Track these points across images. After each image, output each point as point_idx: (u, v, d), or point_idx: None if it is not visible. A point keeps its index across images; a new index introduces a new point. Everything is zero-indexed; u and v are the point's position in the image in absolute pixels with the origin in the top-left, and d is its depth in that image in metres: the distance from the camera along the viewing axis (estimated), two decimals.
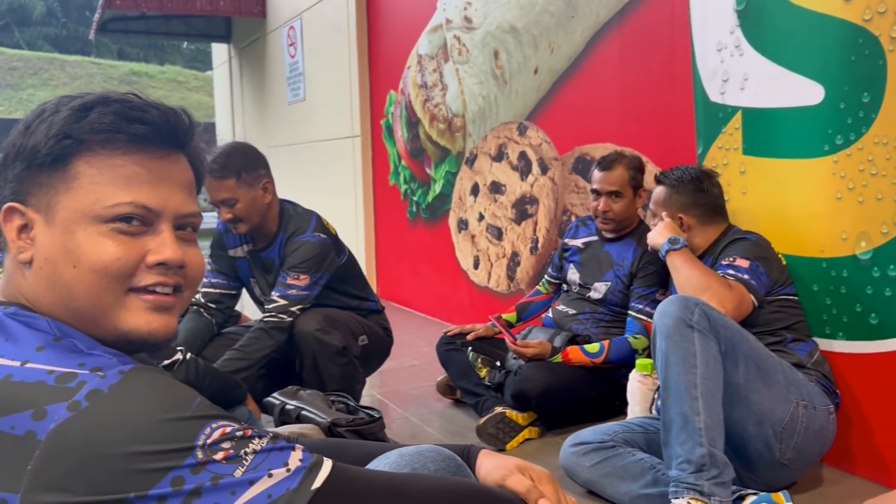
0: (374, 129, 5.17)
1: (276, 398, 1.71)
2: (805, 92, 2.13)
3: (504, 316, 2.85)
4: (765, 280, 2.04)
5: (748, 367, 1.81)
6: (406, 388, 3.07)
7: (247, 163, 2.29)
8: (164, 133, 0.80)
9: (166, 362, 1.74)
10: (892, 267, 1.96)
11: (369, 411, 1.75)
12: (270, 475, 0.70)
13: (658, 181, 2.30)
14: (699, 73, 2.50)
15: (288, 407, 1.68)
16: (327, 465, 0.74)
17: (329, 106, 5.64)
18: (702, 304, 1.79)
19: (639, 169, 2.54)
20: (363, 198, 5.24)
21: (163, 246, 0.79)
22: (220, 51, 8.86)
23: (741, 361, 1.80)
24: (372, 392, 3.03)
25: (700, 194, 2.22)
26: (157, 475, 0.65)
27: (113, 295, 0.77)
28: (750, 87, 2.30)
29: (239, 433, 0.71)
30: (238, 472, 0.69)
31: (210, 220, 2.20)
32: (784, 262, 2.14)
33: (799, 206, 2.19)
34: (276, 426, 1.66)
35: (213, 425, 0.69)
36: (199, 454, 0.67)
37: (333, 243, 2.42)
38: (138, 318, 0.78)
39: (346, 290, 2.50)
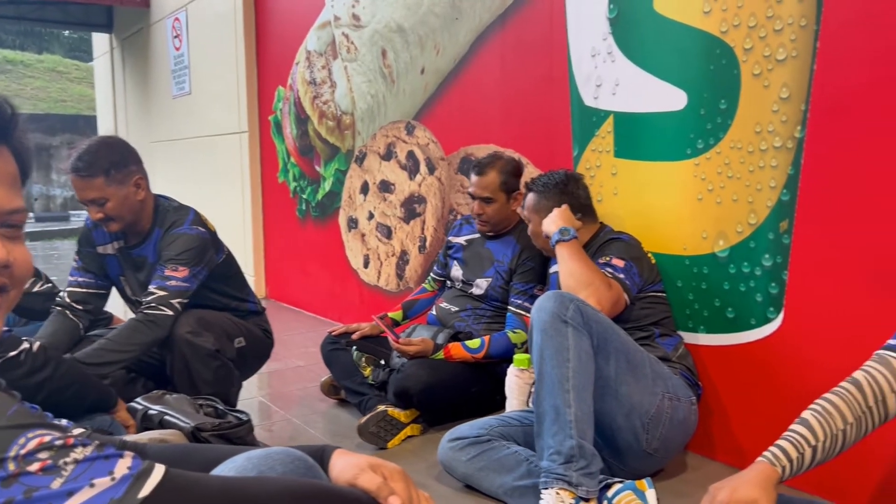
0: (262, 125, 5.06)
1: (138, 403, 1.64)
2: (670, 98, 2.25)
3: (390, 314, 2.85)
4: (637, 279, 2.13)
5: (618, 361, 1.88)
6: (290, 390, 3.02)
7: (116, 159, 2.18)
8: None
9: (11, 354, 1.62)
10: (745, 264, 2.09)
11: (238, 414, 1.71)
12: (92, 485, 0.67)
13: (528, 188, 2.38)
14: (575, 78, 2.59)
15: (150, 412, 1.61)
16: (158, 471, 0.72)
17: (216, 100, 5.47)
18: (576, 301, 1.85)
19: (512, 173, 2.58)
20: (251, 195, 5.12)
21: None
22: (101, 41, 8.42)
23: (612, 356, 1.87)
24: (255, 394, 2.96)
25: (566, 196, 2.29)
26: None
27: None
28: (621, 93, 2.40)
29: (59, 442, 0.67)
30: (55, 484, 0.65)
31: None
32: (653, 261, 2.24)
33: (664, 206, 2.30)
34: (138, 432, 1.59)
35: (30, 435, 0.66)
36: (11, 466, 0.64)
37: (212, 239, 2.35)
38: None
39: (224, 290, 2.43)
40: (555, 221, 2.20)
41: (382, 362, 2.59)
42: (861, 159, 1.82)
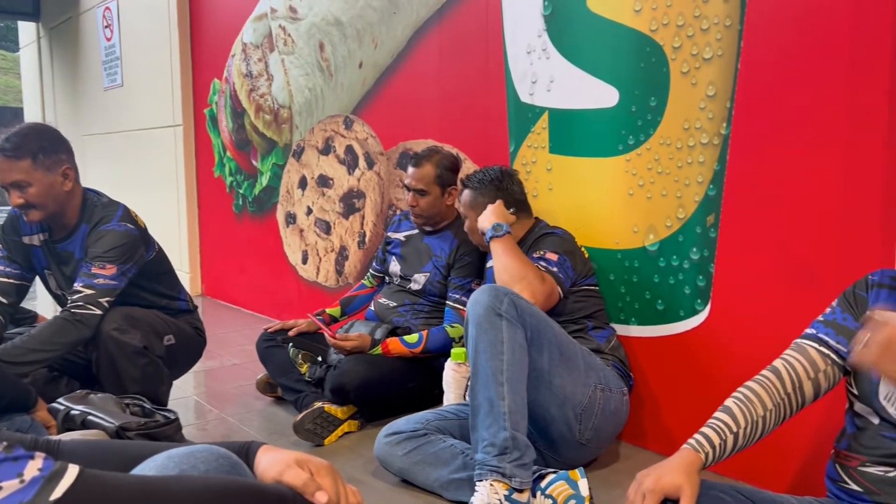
0: (197, 118, 4.95)
1: (60, 403, 1.58)
2: (602, 95, 2.29)
3: (328, 311, 2.82)
4: (570, 273, 2.17)
5: (552, 353, 1.91)
6: (225, 388, 2.97)
7: (46, 145, 2.11)
8: None
9: None
10: (674, 257, 2.15)
11: (166, 413, 1.67)
12: (0, 488, 0.65)
13: (463, 185, 2.39)
14: (511, 74, 2.61)
15: (73, 412, 1.56)
16: (71, 473, 0.69)
17: (149, 93, 5.32)
18: (511, 294, 1.87)
19: (449, 168, 2.59)
20: (186, 190, 5.00)
21: None
22: (27, 29, 8.09)
23: (545, 348, 1.90)
24: (189, 393, 2.90)
25: (502, 192, 2.31)
26: None
27: None
28: (555, 89, 2.44)
29: None
30: None
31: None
32: (586, 255, 2.28)
33: (597, 201, 2.34)
34: (59, 433, 1.54)
35: None
36: None
37: (142, 236, 2.29)
38: None
39: (155, 287, 2.36)
40: (488, 217, 2.22)
41: (319, 359, 2.57)
42: (782, 155, 1.88)
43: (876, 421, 1.31)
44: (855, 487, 1.30)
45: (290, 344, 2.62)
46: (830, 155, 1.79)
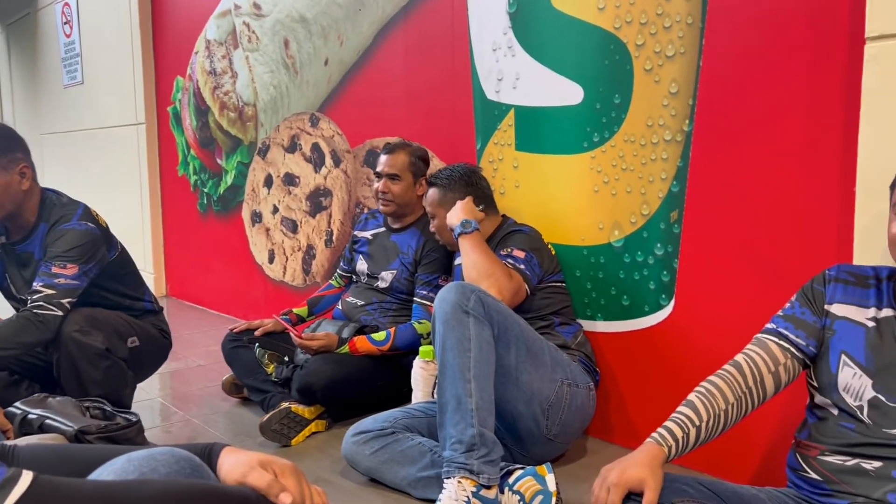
0: (160, 116, 4.87)
1: (17, 407, 1.54)
2: (567, 92, 2.30)
3: (295, 310, 2.80)
4: (537, 270, 2.18)
5: (519, 349, 1.91)
6: (191, 390, 2.93)
7: (0, 143, 2.06)
8: None
9: None
10: (639, 253, 2.17)
11: (127, 415, 1.64)
12: None
13: (430, 183, 2.39)
14: (477, 72, 2.61)
15: (30, 416, 1.52)
16: (26, 478, 0.68)
17: (111, 91, 5.22)
18: (478, 291, 1.87)
19: (421, 158, 2.63)
20: (149, 189, 4.92)
21: None
22: None
23: (512, 345, 1.91)
24: (153, 395, 2.86)
25: (471, 188, 2.32)
26: None
27: None
28: (521, 87, 2.44)
29: None
30: None
31: None
32: (553, 252, 2.29)
33: (563, 198, 2.36)
34: (16, 437, 1.50)
35: None
36: None
37: (104, 236, 2.25)
38: None
39: (118, 288, 2.32)
40: (457, 214, 2.23)
41: (286, 359, 2.55)
42: (743, 152, 1.91)
43: (835, 412, 1.34)
44: (814, 476, 1.33)
45: (257, 344, 2.59)
46: (790, 152, 1.82)
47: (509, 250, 2.19)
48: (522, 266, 2.14)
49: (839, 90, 1.71)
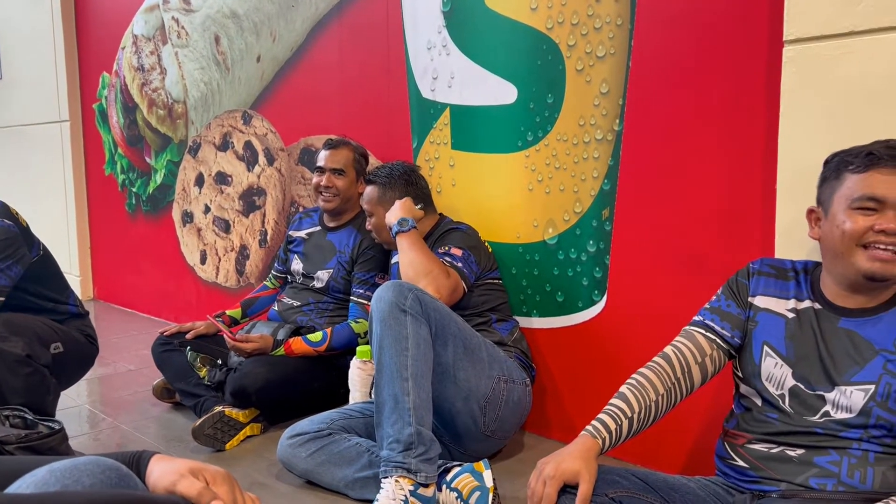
0: (85, 113, 4.70)
1: None
2: (501, 92, 2.32)
3: (228, 312, 2.74)
4: (474, 268, 2.19)
5: (456, 347, 1.92)
6: (120, 395, 2.84)
7: None
8: None
9: None
10: (572, 250, 2.20)
11: (49, 423, 1.58)
12: None
13: (368, 181, 2.37)
14: (412, 70, 2.61)
15: None
16: None
17: (32, 87, 5.00)
18: (415, 290, 1.87)
19: (363, 156, 2.64)
20: (75, 189, 4.74)
21: None
22: None
23: (450, 342, 1.91)
24: (80, 402, 2.75)
25: (411, 187, 2.32)
26: None
27: None
28: (456, 86, 2.45)
29: None
30: None
31: None
32: (490, 250, 2.31)
33: (499, 196, 2.38)
34: None
35: None
36: None
37: (23, 234, 2.15)
38: None
39: (40, 291, 2.23)
40: (396, 213, 2.22)
41: (219, 362, 2.50)
42: (671, 150, 1.96)
43: (759, 402, 1.39)
44: (741, 464, 1.38)
45: (188, 347, 2.53)
46: (716, 151, 1.88)
47: (447, 248, 2.19)
48: (460, 264, 2.15)
49: (761, 91, 1.77)
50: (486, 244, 2.31)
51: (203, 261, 3.83)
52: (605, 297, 2.15)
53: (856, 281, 1.31)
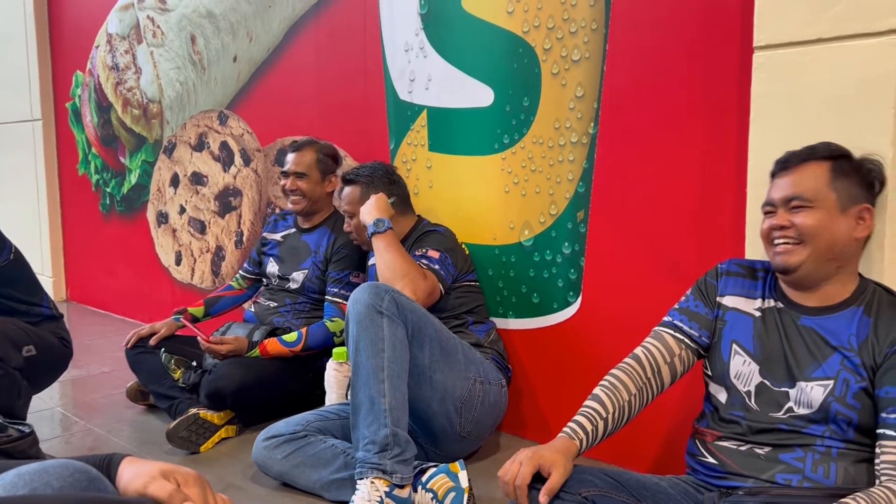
0: (58, 112, 4.64)
1: None
2: (478, 94, 2.33)
3: (190, 310, 2.70)
4: (451, 270, 2.20)
5: (432, 349, 1.93)
6: (93, 398, 2.81)
7: None
8: None
9: None
10: (548, 252, 2.22)
11: (19, 427, 1.56)
12: None
13: (348, 181, 2.36)
14: (390, 72, 2.61)
15: None
16: None
17: (3, 85, 4.93)
18: (392, 291, 1.87)
19: (329, 154, 2.61)
20: (47, 189, 4.68)
21: None
22: None
23: (426, 344, 1.92)
24: (52, 405, 2.72)
25: (394, 186, 2.32)
26: None
27: None
28: (433, 88, 2.46)
29: None
30: None
31: None
32: (467, 252, 2.32)
33: (476, 198, 2.39)
34: None
35: None
36: None
37: None
38: None
39: (12, 293, 2.20)
40: (370, 212, 2.21)
41: (194, 364, 2.48)
42: (644, 153, 1.99)
43: (727, 400, 1.42)
44: (710, 460, 1.40)
45: (163, 349, 2.51)
46: (688, 154, 1.90)
47: (424, 250, 2.20)
48: (437, 266, 2.16)
49: (733, 95, 1.80)
50: (464, 246, 2.32)
51: (178, 262, 3.80)
52: (579, 299, 2.17)
53: (783, 278, 1.40)
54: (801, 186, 1.35)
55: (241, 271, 2.83)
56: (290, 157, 2.58)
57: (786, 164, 1.39)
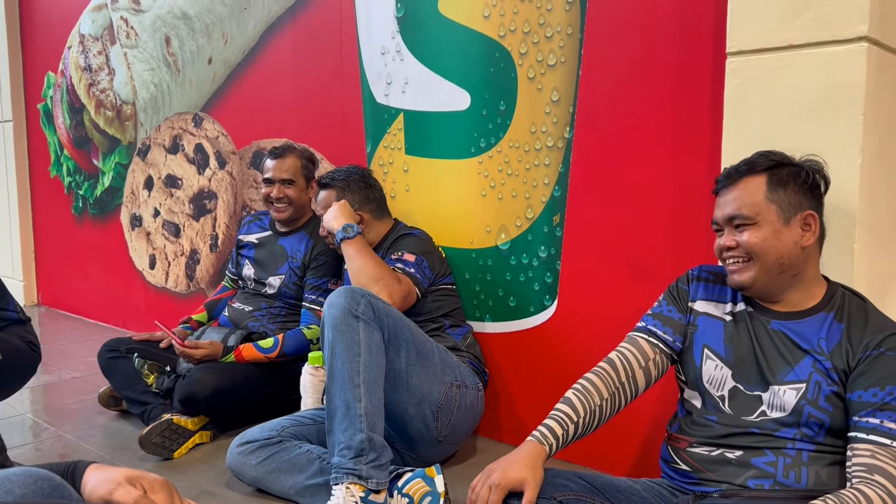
0: (29, 113, 4.57)
1: None
2: (455, 98, 2.33)
3: (195, 317, 2.71)
4: (428, 273, 2.19)
5: (409, 353, 1.92)
6: (64, 404, 2.76)
7: None
8: None
9: None
10: (524, 255, 2.23)
11: None
12: None
13: (324, 185, 2.35)
14: (366, 75, 2.60)
15: None
16: None
17: None
18: (368, 296, 1.86)
19: (310, 160, 2.60)
20: (18, 192, 4.61)
21: None
22: None
23: (403, 348, 1.91)
24: (22, 411, 2.67)
25: (370, 190, 2.32)
26: None
27: None
28: (410, 91, 2.46)
29: None
30: None
31: None
32: (443, 255, 2.31)
33: (453, 202, 2.39)
34: None
35: None
36: None
37: None
38: None
39: None
40: (336, 217, 2.20)
41: (168, 369, 2.45)
42: (619, 158, 2.00)
43: (701, 405, 1.43)
44: (683, 467, 1.41)
45: (136, 354, 2.48)
46: (662, 158, 1.92)
47: (400, 254, 2.19)
48: (412, 270, 2.15)
49: (707, 100, 1.82)
50: (440, 249, 2.31)
51: (152, 265, 3.75)
52: (555, 302, 2.17)
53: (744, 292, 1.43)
54: (741, 203, 1.35)
55: (227, 272, 2.82)
56: (273, 163, 2.53)
57: (726, 182, 1.39)
